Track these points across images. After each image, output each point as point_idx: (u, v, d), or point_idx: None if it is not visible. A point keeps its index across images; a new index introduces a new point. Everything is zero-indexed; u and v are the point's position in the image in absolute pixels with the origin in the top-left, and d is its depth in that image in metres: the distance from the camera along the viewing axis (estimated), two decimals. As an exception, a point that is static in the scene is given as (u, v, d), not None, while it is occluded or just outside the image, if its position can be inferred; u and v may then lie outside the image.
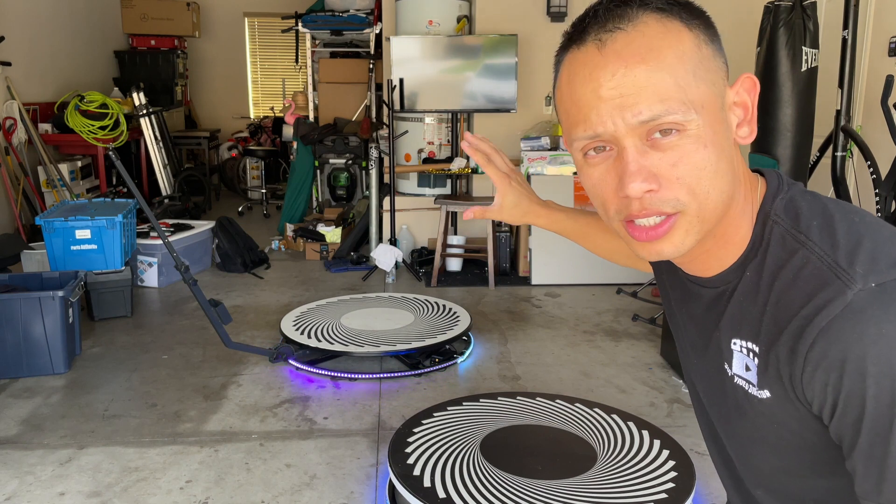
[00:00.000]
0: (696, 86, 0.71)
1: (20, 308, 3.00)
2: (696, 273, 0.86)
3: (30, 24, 5.74)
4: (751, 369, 0.79)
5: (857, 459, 0.70)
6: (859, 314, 0.67)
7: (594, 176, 0.76)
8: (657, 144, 0.71)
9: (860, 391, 0.67)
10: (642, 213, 0.73)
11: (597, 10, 0.74)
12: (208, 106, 8.60)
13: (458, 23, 4.94)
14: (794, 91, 3.54)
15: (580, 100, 0.73)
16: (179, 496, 2.20)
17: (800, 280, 0.73)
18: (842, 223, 0.74)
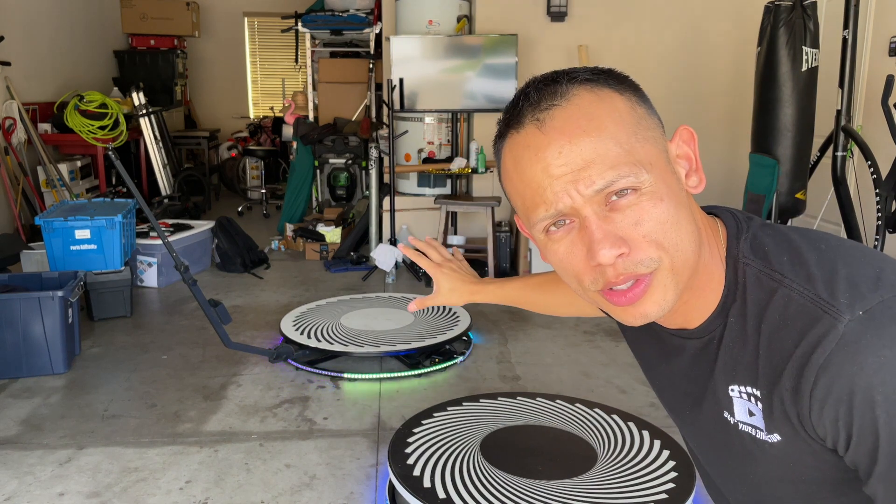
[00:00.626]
0: (640, 146, 0.72)
1: (20, 308, 3.00)
2: (677, 326, 0.84)
3: (29, 23, 5.74)
4: (755, 414, 0.79)
5: (875, 484, 0.70)
6: (855, 345, 0.67)
7: (560, 251, 0.75)
8: (616, 207, 0.71)
9: (872, 421, 0.67)
10: (619, 279, 0.72)
11: (527, 91, 0.75)
12: (208, 106, 8.60)
13: (458, 23, 4.94)
14: (794, 91, 3.54)
15: (532, 181, 0.73)
16: (179, 496, 2.20)
17: (787, 319, 0.73)
18: (811, 254, 0.75)
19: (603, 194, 0.70)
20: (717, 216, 0.84)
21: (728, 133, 5.06)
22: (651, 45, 4.95)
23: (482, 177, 4.95)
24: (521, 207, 0.77)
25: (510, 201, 0.80)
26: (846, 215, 3.55)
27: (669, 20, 4.93)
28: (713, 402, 0.84)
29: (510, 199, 0.80)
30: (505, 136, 0.77)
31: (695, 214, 0.77)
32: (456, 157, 4.96)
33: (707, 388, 0.84)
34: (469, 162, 4.87)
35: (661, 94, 4.99)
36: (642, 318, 0.75)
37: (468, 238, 4.97)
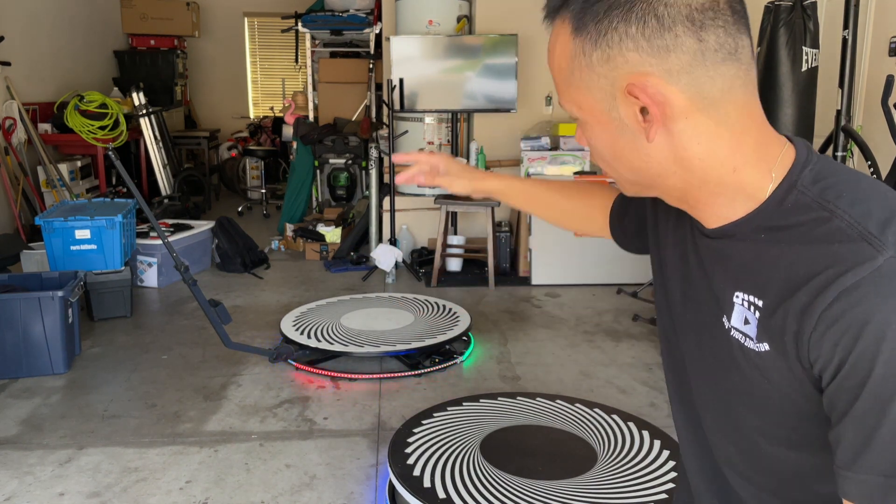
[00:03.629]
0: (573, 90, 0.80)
1: (20, 308, 3.00)
2: (700, 220, 0.85)
3: (30, 24, 5.74)
4: (750, 323, 0.78)
5: (846, 426, 0.70)
6: (887, 280, 0.67)
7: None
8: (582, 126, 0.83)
9: (872, 355, 0.66)
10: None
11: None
12: (208, 106, 8.60)
13: (458, 23, 4.94)
14: (794, 91, 3.54)
15: None
16: (179, 496, 2.20)
17: (825, 243, 0.72)
18: (875, 195, 0.74)
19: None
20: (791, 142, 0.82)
21: (728, 133, 5.06)
22: (651, 46, 4.95)
23: (482, 177, 4.95)
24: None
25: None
26: (846, 215, 3.55)
27: (669, 20, 4.93)
28: (715, 305, 0.83)
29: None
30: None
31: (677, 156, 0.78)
32: (456, 157, 4.95)
33: (711, 289, 0.84)
34: (469, 162, 4.87)
35: (661, 94, 5.00)
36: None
37: (468, 238, 4.98)
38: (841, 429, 0.70)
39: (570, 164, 4.68)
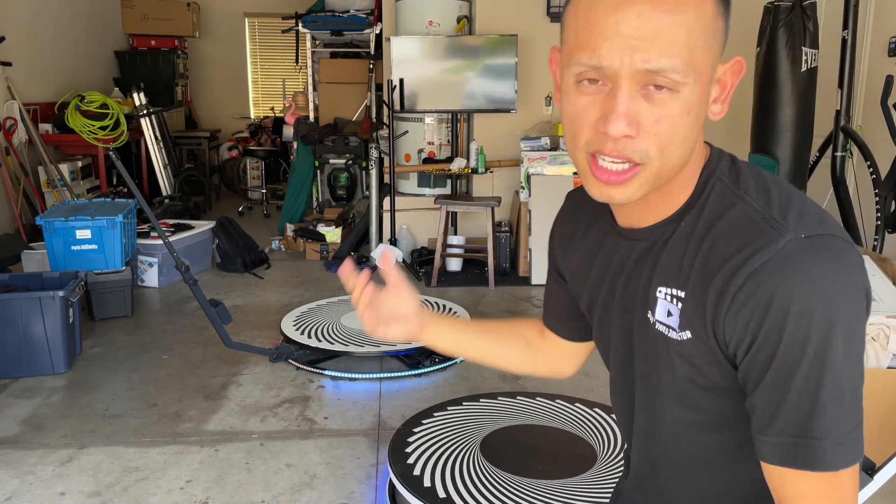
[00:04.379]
0: (702, 52, 0.73)
1: (21, 308, 3.01)
2: (629, 224, 0.88)
3: (30, 24, 5.74)
4: (672, 314, 0.82)
5: (759, 394, 0.75)
6: (788, 260, 0.72)
7: (578, 104, 0.76)
8: (649, 96, 0.72)
9: (779, 328, 0.72)
10: (613, 153, 0.74)
11: None
12: (208, 106, 8.60)
13: (458, 23, 4.94)
14: (793, 91, 3.55)
15: (596, 26, 0.72)
16: (180, 496, 2.20)
17: (735, 229, 0.77)
18: (775, 185, 0.80)
19: (648, 76, 0.71)
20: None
21: (728, 133, 5.06)
22: (651, 46, 4.95)
23: (482, 177, 4.96)
24: (569, 40, 0.76)
25: (561, 28, 0.80)
26: (845, 215, 3.56)
27: (669, 20, 4.93)
28: (643, 303, 0.86)
29: (563, 26, 0.79)
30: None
31: (699, 135, 0.81)
32: (456, 157, 4.96)
33: (639, 288, 0.87)
34: (469, 162, 4.87)
35: (661, 94, 5.00)
36: (606, 198, 0.79)
37: (468, 238, 4.98)
38: (755, 398, 0.76)
39: (569, 164, 4.68)
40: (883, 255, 2.99)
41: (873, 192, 3.39)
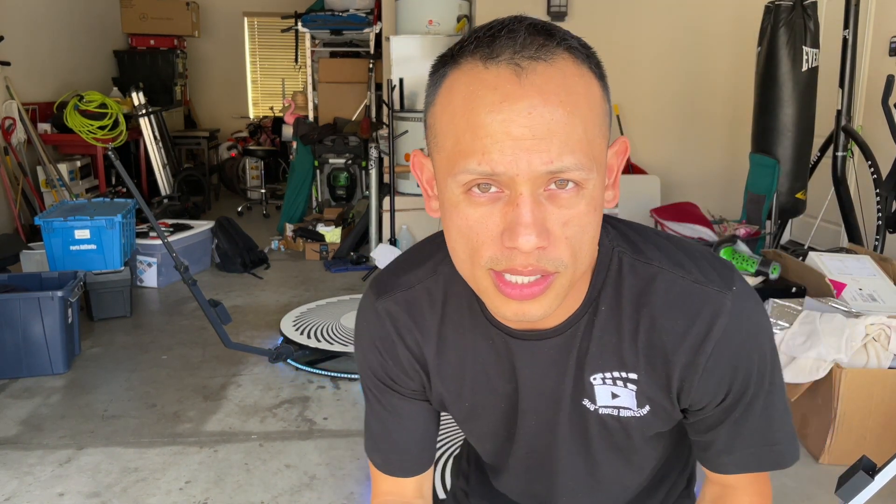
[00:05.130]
0: (598, 142, 0.66)
1: (19, 308, 3.00)
2: (529, 327, 0.80)
3: (29, 23, 5.74)
4: (621, 396, 0.81)
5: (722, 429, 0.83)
6: (737, 317, 0.76)
7: (472, 217, 0.66)
8: (554, 197, 0.64)
9: (746, 377, 0.78)
10: (526, 270, 0.65)
11: (512, 28, 0.66)
12: (208, 106, 8.60)
13: (458, 22, 4.93)
14: (794, 91, 3.54)
15: (481, 128, 0.63)
16: (179, 497, 2.19)
17: (674, 302, 0.76)
18: (667, 242, 0.81)
19: (550, 177, 0.63)
20: None
21: (728, 133, 5.06)
22: (651, 45, 4.95)
23: (482, 177, 4.95)
24: (448, 145, 0.66)
25: (430, 132, 0.70)
26: (846, 215, 3.55)
27: (669, 20, 4.93)
28: (574, 396, 0.83)
29: (434, 131, 0.69)
30: (461, 62, 0.67)
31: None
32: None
33: (564, 383, 0.83)
34: (469, 162, 4.86)
35: (660, 93, 4.99)
36: (521, 317, 0.69)
37: (468, 238, 4.97)
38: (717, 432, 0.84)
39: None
40: (883, 256, 2.98)
41: (874, 192, 3.38)
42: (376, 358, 0.88)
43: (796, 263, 2.93)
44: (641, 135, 5.00)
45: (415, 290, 0.85)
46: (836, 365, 2.32)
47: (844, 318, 2.37)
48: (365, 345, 0.89)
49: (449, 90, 0.67)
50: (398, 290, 0.86)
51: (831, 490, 2.07)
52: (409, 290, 0.85)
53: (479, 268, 0.68)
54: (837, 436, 2.33)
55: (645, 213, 4.45)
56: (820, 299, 2.58)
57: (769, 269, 2.86)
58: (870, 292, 2.64)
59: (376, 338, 0.87)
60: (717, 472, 0.89)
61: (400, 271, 0.88)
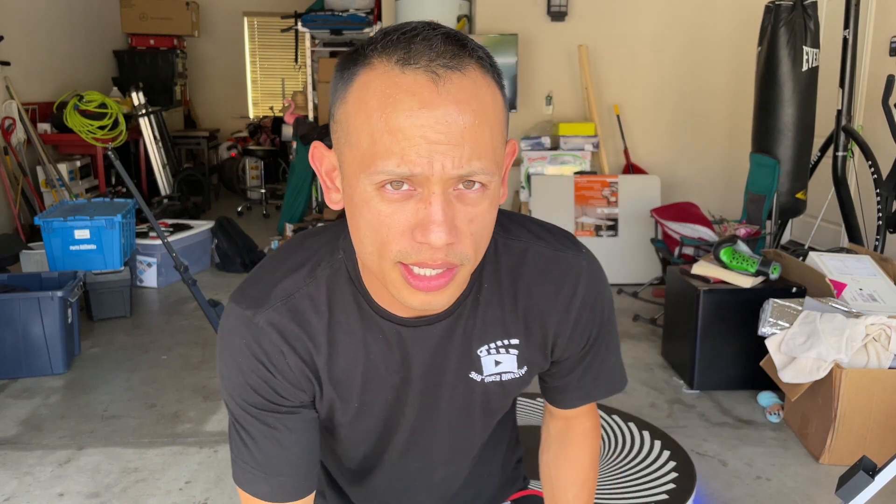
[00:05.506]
0: (500, 146, 0.72)
1: (19, 308, 3.00)
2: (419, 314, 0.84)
3: (29, 23, 5.73)
4: (502, 362, 0.91)
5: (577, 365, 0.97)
6: (592, 273, 0.91)
7: (384, 211, 0.70)
8: (462, 197, 0.70)
9: (601, 321, 0.94)
10: (434, 263, 0.70)
11: (428, 36, 0.69)
12: (207, 106, 8.59)
13: (458, 22, 4.93)
14: (794, 91, 3.54)
15: (399, 131, 0.66)
16: (179, 497, 2.19)
17: (543, 270, 0.89)
18: (527, 223, 0.93)
19: (459, 179, 0.68)
20: None
21: (728, 133, 5.06)
22: (651, 45, 4.94)
23: (482, 177, 4.95)
24: (364, 144, 0.69)
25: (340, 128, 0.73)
26: (846, 215, 3.55)
27: (670, 20, 4.92)
28: (460, 372, 0.90)
29: (345, 127, 0.71)
30: (373, 63, 0.70)
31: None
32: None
33: (451, 361, 0.89)
34: (469, 162, 4.86)
35: (661, 93, 4.99)
36: (427, 307, 0.74)
37: (468, 238, 4.97)
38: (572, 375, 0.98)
39: (570, 164, 4.68)
40: (884, 256, 2.98)
41: (874, 192, 3.38)
42: (260, 376, 0.83)
43: (796, 263, 2.93)
44: (641, 135, 5.00)
45: (295, 299, 0.83)
46: (836, 365, 2.32)
47: (845, 319, 2.36)
48: (243, 365, 0.83)
49: (363, 90, 0.70)
50: (277, 300, 0.83)
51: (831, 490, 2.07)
52: (289, 299, 0.83)
53: (387, 261, 0.72)
54: (838, 436, 2.33)
55: (645, 213, 4.45)
56: (820, 299, 2.58)
57: (769, 269, 2.85)
58: (870, 292, 2.64)
59: (259, 353, 0.82)
60: (566, 408, 1.04)
61: (272, 281, 0.84)
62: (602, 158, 4.78)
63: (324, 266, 0.84)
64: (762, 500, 2.18)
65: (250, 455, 0.86)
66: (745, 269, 2.89)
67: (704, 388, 2.94)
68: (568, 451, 1.11)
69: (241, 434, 0.86)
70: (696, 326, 2.88)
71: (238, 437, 0.86)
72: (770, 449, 2.48)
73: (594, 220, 4.54)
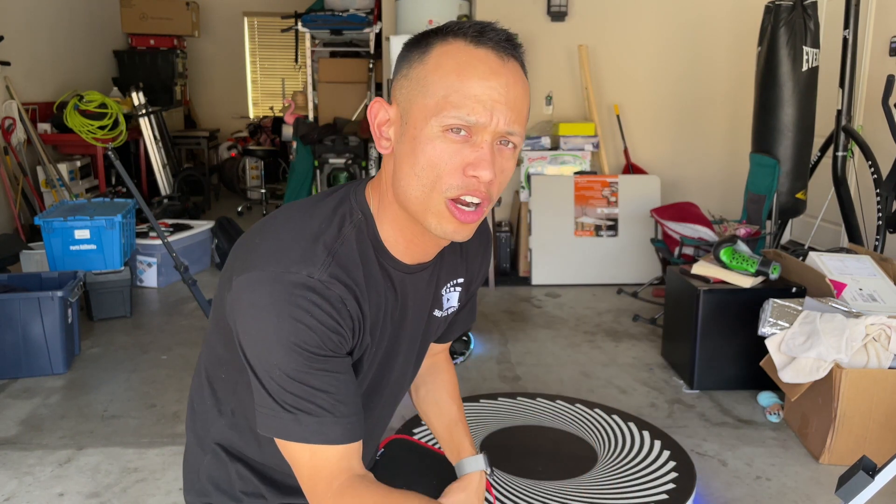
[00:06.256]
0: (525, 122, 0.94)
1: (19, 308, 3.00)
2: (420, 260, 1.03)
3: (29, 23, 5.73)
4: (450, 299, 1.14)
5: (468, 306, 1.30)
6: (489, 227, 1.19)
7: (443, 150, 0.88)
8: (500, 151, 0.91)
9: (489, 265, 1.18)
10: (479, 193, 0.90)
11: (495, 27, 0.93)
12: (208, 106, 8.59)
13: (458, 22, 4.93)
14: (794, 91, 3.54)
15: (471, 89, 0.87)
16: (179, 497, 2.19)
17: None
18: None
19: (503, 135, 0.89)
20: None
21: (728, 133, 5.06)
22: (651, 45, 4.94)
23: (482, 177, 4.95)
24: (438, 97, 0.88)
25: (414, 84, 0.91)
26: (846, 215, 3.55)
27: (670, 20, 4.92)
28: (431, 309, 1.10)
29: (421, 83, 0.90)
30: (450, 38, 0.91)
31: None
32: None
33: (428, 301, 1.09)
34: (469, 162, 4.86)
35: (661, 93, 4.99)
36: (466, 235, 0.94)
37: (468, 238, 4.97)
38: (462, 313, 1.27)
39: (570, 164, 4.68)
40: (884, 256, 2.98)
41: (874, 192, 3.38)
42: (329, 327, 0.90)
43: (796, 263, 2.93)
44: (641, 135, 5.00)
45: (339, 254, 0.93)
46: (836, 365, 2.32)
47: (844, 319, 2.36)
48: (310, 322, 0.89)
49: (441, 56, 0.90)
50: (325, 256, 0.92)
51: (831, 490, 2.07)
52: (335, 255, 0.93)
53: (437, 192, 0.89)
54: (838, 436, 2.33)
55: (645, 213, 4.45)
56: (820, 299, 2.58)
57: (769, 269, 2.85)
58: (870, 292, 2.64)
59: (326, 306, 0.90)
60: (445, 342, 1.29)
61: (306, 244, 0.93)
62: (602, 158, 4.78)
63: (347, 225, 0.96)
64: (762, 499, 2.18)
65: (316, 406, 0.91)
66: (744, 269, 2.89)
67: (704, 388, 2.94)
68: (441, 376, 1.35)
69: (302, 392, 0.90)
70: (696, 326, 2.88)
71: (296, 397, 0.90)
72: (770, 449, 2.48)
73: (594, 220, 4.54)
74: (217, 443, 1.12)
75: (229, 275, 0.96)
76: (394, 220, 0.97)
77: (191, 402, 1.17)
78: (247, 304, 0.90)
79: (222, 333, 1.02)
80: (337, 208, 0.98)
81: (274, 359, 0.89)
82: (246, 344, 0.91)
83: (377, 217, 0.98)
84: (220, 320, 1.01)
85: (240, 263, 0.95)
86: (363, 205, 0.99)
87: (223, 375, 1.08)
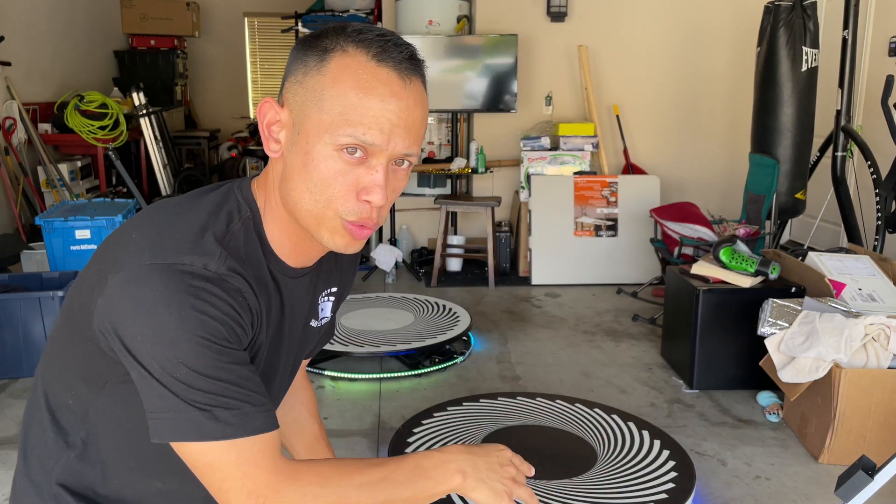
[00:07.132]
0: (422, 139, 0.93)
1: (20, 308, 3.00)
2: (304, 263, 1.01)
3: (30, 23, 5.74)
4: (325, 309, 1.12)
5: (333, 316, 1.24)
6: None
7: (335, 168, 0.86)
8: (395, 170, 0.90)
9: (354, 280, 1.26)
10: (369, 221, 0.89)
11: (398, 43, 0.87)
12: (208, 106, 8.60)
13: (458, 23, 4.94)
14: (794, 91, 3.55)
15: (370, 109, 0.84)
16: (179, 496, 2.19)
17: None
18: None
19: (400, 156, 0.88)
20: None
21: (728, 133, 5.07)
22: (651, 46, 4.95)
23: (482, 177, 4.96)
24: (334, 114, 0.85)
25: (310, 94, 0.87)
26: (846, 215, 3.56)
27: (669, 20, 4.93)
28: (307, 316, 1.08)
29: (317, 94, 0.86)
30: (350, 50, 0.86)
31: None
32: (456, 157, 4.96)
33: (307, 307, 1.07)
34: (469, 162, 4.87)
35: (660, 93, 5.00)
36: (352, 250, 0.93)
37: (468, 238, 4.98)
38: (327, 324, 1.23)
39: (570, 164, 4.68)
40: (883, 256, 2.99)
41: (874, 192, 3.39)
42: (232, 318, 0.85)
43: (796, 263, 2.94)
44: (641, 135, 5.01)
45: (231, 247, 0.90)
46: (835, 365, 2.32)
47: (844, 318, 2.37)
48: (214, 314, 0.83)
49: (341, 70, 0.86)
50: (218, 248, 0.87)
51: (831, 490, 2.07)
52: (227, 247, 0.89)
53: (331, 210, 0.88)
54: (837, 435, 2.34)
55: (644, 213, 4.45)
56: (819, 299, 2.58)
57: (769, 269, 2.86)
58: (869, 292, 2.65)
59: (226, 297, 0.85)
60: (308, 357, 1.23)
61: (193, 237, 0.87)
62: (602, 158, 4.79)
63: (236, 221, 0.93)
64: (761, 499, 2.19)
65: (231, 399, 0.83)
66: (744, 269, 2.89)
67: (704, 388, 2.94)
68: (300, 394, 1.34)
69: (214, 388, 0.82)
70: (696, 326, 2.88)
71: (208, 394, 0.82)
72: (769, 448, 2.49)
73: (594, 220, 4.55)
74: (60, 483, 0.98)
75: (99, 276, 0.86)
76: (280, 221, 0.94)
77: (23, 446, 1.03)
78: (135, 301, 0.82)
79: (79, 347, 0.91)
80: (222, 204, 0.93)
81: (178, 356, 0.81)
82: (136, 345, 0.82)
83: (263, 216, 0.95)
84: (74, 333, 0.91)
85: (116, 259, 0.86)
86: (251, 202, 0.95)
87: (70, 401, 0.96)
